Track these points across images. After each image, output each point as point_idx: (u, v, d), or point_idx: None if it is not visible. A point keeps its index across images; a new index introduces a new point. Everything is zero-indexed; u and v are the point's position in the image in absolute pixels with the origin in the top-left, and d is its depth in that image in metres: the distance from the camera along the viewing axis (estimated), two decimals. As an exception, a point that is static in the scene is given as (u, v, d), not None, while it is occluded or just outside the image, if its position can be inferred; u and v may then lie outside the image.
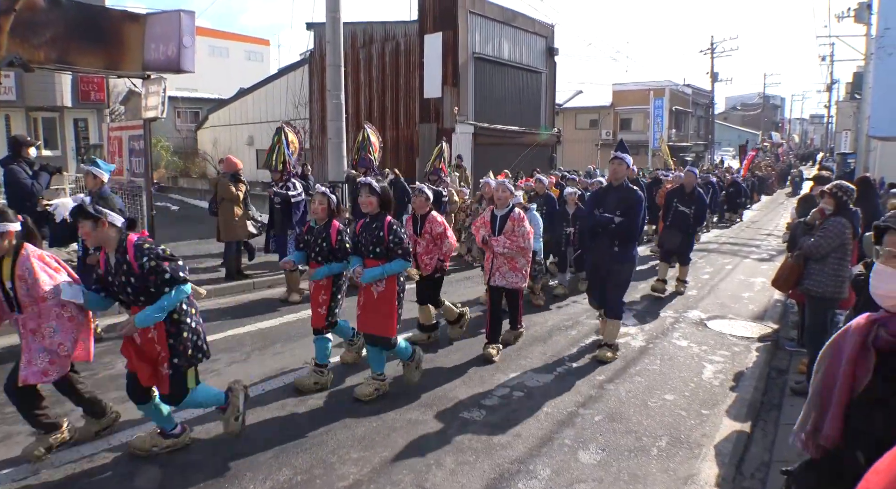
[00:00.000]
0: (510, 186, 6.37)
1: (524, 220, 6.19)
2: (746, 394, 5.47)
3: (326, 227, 5.22)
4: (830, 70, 43.56)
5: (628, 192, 6.00)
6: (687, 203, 9.40)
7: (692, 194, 9.48)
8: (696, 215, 9.47)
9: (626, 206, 5.91)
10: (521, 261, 6.23)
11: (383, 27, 22.40)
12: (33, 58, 7.95)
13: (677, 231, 9.44)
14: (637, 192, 6.05)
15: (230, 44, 46.70)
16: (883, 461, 1.03)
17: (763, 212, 25.73)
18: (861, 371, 1.63)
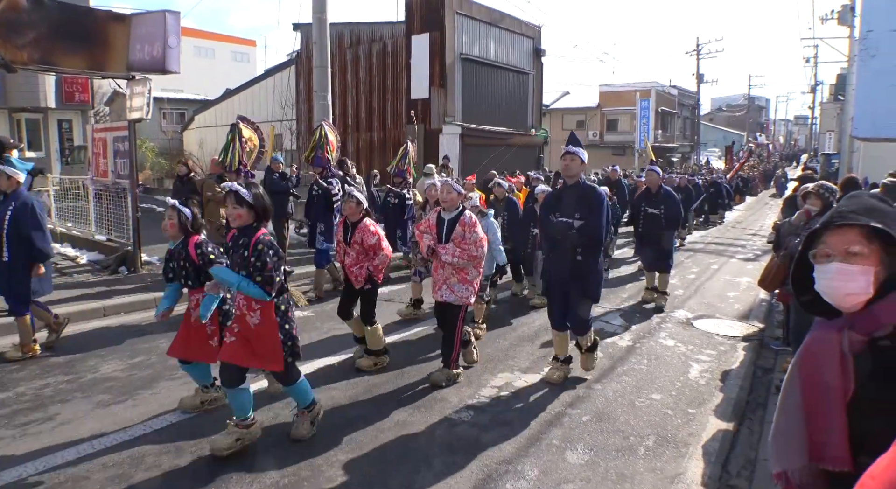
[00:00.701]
0: (458, 186, 5.57)
1: (476, 225, 5.39)
2: (732, 393, 5.51)
3: (184, 246, 4.59)
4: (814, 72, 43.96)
5: (587, 191, 5.27)
6: (655, 204, 8.59)
7: (659, 194, 8.66)
8: (667, 216, 8.54)
9: (585, 207, 5.15)
10: (473, 273, 5.46)
11: (370, 28, 22.38)
12: (16, 58, 7.87)
13: (651, 236, 8.66)
14: (597, 190, 5.33)
15: (216, 44, 46.46)
16: (878, 465, 1.03)
17: (748, 212, 25.94)
18: (848, 382, 1.59)
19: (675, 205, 8.63)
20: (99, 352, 6.17)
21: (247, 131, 8.43)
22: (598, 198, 5.21)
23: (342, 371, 5.78)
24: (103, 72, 9.45)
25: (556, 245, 5.34)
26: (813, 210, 5.31)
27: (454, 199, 5.45)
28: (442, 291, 5.42)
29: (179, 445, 4.24)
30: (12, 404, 4.87)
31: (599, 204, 5.17)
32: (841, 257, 1.62)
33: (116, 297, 7.90)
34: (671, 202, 8.59)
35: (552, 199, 5.53)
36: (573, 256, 5.21)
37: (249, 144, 8.43)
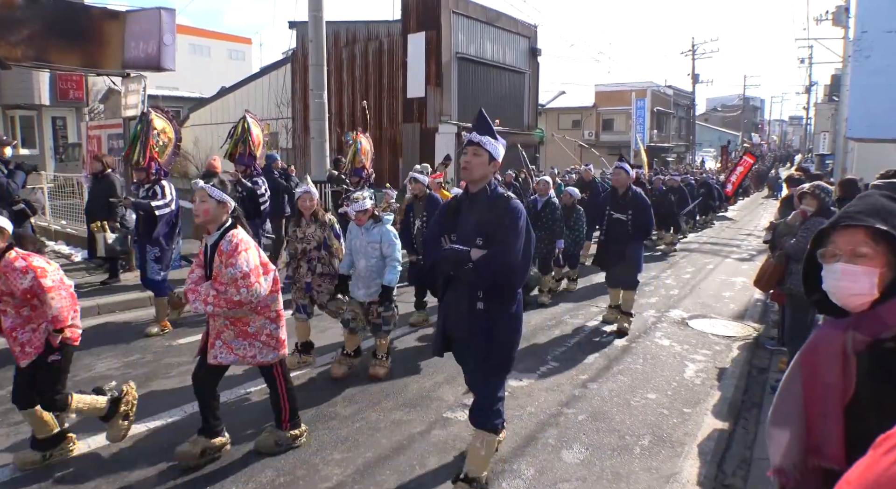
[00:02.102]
0: (217, 192, 3.79)
1: (237, 252, 3.68)
2: (728, 392, 5.52)
3: None
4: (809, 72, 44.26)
5: (495, 204, 3.46)
6: (621, 208, 7.23)
7: (626, 197, 7.24)
8: (635, 223, 7.14)
9: (491, 227, 3.40)
10: (258, 323, 3.93)
11: (366, 26, 22.34)
12: (10, 55, 7.85)
13: (615, 245, 7.29)
14: (511, 204, 3.45)
15: (212, 42, 46.29)
16: (854, 469, 1.03)
17: (743, 212, 26.00)
18: (849, 382, 1.60)
19: (645, 210, 7.22)
20: (93, 350, 6.14)
21: (160, 122, 7.33)
22: (511, 214, 3.39)
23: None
24: (98, 69, 9.43)
25: (449, 283, 3.63)
26: (809, 210, 5.33)
27: (208, 211, 3.78)
28: (216, 350, 3.90)
29: (175, 443, 4.22)
30: (6, 402, 4.84)
31: (513, 223, 3.37)
32: (847, 257, 1.63)
33: (111, 296, 7.87)
34: (641, 207, 7.21)
35: (445, 215, 3.71)
36: (470, 303, 3.45)
37: (162, 137, 7.28)
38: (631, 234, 7.18)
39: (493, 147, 3.48)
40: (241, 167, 8.05)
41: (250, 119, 8.22)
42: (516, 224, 3.39)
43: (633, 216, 7.14)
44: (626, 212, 7.18)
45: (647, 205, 7.31)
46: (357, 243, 5.47)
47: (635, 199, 7.21)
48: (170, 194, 6.88)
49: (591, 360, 6.26)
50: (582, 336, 7.12)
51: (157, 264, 6.80)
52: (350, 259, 5.56)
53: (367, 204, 5.42)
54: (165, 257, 6.89)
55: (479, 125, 3.54)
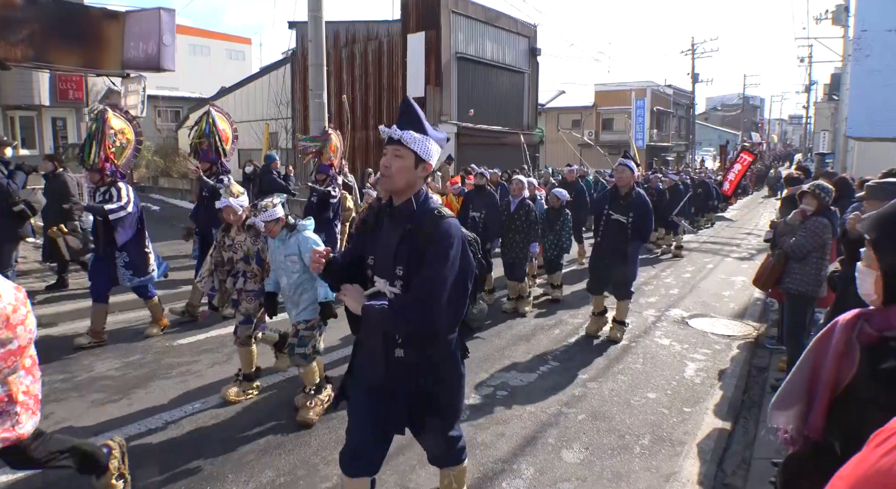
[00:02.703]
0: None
1: None
2: (728, 391, 5.53)
3: None
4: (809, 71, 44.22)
5: (425, 222, 2.61)
6: (622, 209, 6.63)
7: (629, 197, 6.63)
8: (636, 227, 6.59)
9: (414, 255, 2.59)
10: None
11: (366, 26, 22.36)
12: (10, 56, 7.86)
13: (612, 250, 6.68)
14: (444, 225, 2.59)
15: (211, 42, 46.31)
16: (847, 467, 1.05)
17: (743, 211, 26.00)
18: (845, 364, 1.68)
19: (647, 214, 6.65)
20: (93, 350, 6.15)
21: (118, 122, 6.84)
22: (442, 240, 2.55)
23: (338, 369, 5.77)
24: (98, 69, 9.45)
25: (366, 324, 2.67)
26: (808, 209, 5.33)
27: None
28: None
29: (175, 444, 4.24)
30: (6, 403, 4.85)
31: (442, 253, 2.54)
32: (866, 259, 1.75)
33: (111, 296, 7.85)
34: (643, 210, 6.62)
35: (359, 233, 2.93)
36: (388, 349, 2.68)
37: (120, 138, 6.80)
38: (630, 238, 6.59)
39: (420, 145, 2.62)
40: (204, 163, 7.52)
41: (215, 113, 7.75)
42: (447, 253, 2.54)
43: (634, 219, 6.54)
44: (627, 214, 6.56)
45: (650, 208, 6.72)
46: (276, 257, 4.76)
47: (639, 201, 6.60)
48: (126, 197, 6.45)
49: (591, 360, 6.26)
50: (582, 335, 7.12)
51: (128, 270, 6.43)
52: (275, 275, 4.86)
53: (277, 212, 4.68)
54: (137, 262, 6.50)
55: (404, 116, 2.68)
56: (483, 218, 8.02)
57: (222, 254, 5.10)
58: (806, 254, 5.24)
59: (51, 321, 7.01)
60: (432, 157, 2.70)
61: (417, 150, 2.62)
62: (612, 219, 6.67)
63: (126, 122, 6.98)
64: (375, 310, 2.52)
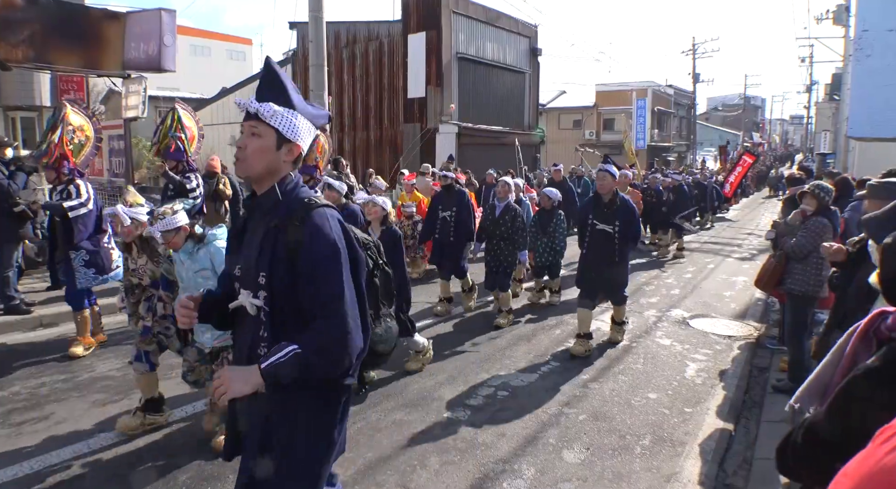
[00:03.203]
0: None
1: None
2: (729, 392, 5.52)
3: None
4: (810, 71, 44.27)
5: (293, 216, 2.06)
6: (607, 218, 6.26)
7: (612, 205, 6.27)
8: (623, 234, 6.25)
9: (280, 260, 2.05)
10: None
11: (367, 27, 22.35)
12: (11, 57, 7.86)
13: (599, 260, 6.34)
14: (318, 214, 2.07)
15: (212, 43, 46.37)
16: (851, 464, 1.04)
17: (744, 212, 25.98)
18: (861, 357, 1.72)
19: (634, 221, 6.38)
20: (94, 351, 6.15)
21: (77, 119, 6.47)
22: (316, 241, 2.03)
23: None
24: (99, 70, 9.45)
25: None
26: (808, 210, 5.32)
27: None
28: None
29: (176, 444, 4.24)
30: (8, 403, 4.86)
31: (320, 256, 2.02)
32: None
33: (111, 297, 7.85)
34: (629, 217, 6.31)
35: (231, 240, 2.36)
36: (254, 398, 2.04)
37: (79, 135, 6.44)
38: (618, 249, 6.26)
39: (283, 121, 2.08)
40: (171, 162, 7.32)
41: (181, 110, 7.47)
42: (327, 255, 1.99)
43: (620, 228, 6.20)
44: (612, 223, 6.20)
45: (636, 214, 6.49)
46: (184, 274, 4.08)
47: (625, 208, 6.27)
48: (86, 193, 6.15)
49: (592, 360, 6.25)
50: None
51: (89, 268, 6.08)
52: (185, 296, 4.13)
53: (177, 220, 3.98)
54: (98, 260, 6.15)
55: (264, 84, 2.17)
56: (454, 217, 7.77)
57: (129, 280, 4.52)
58: (806, 254, 5.23)
59: (51, 321, 7.02)
60: (301, 136, 2.14)
61: (279, 126, 2.08)
62: (597, 229, 6.29)
63: (86, 118, 6.69)
64: (282, 371, 1.91)
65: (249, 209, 2.23)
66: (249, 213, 2.24)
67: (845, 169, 16.60)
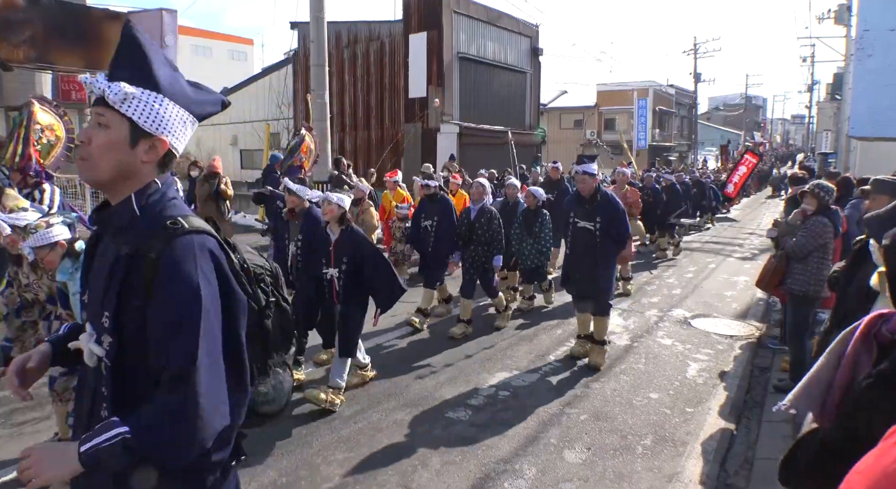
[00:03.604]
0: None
1: None
2: (730, 392, 5.51)
3: None
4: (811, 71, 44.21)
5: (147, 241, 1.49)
6: (588, 215, 5.95)
7: (593, 201, 5.93)
8: (605, 231, 5.88)
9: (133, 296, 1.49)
10: None
11: (368, 27, 22.34)
12: (12, 57, 7.88)
13: (581, 260, 6.03)
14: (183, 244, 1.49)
15: (213, 43, 46.42)
16: (864, 462, 1.04)
17: (745, 211, 25.96)
18: (862, 361, 1.70)
19: (617, 217, 5.94)
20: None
21: (45, 117, 5.94)
22: (171, 282, 1.47)
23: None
24: (100, 70, 9.38)
25: None
26: (809, 209, 5.31)
27: None
28: None
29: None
30: (9, 403, 4.86)
31: (175, 306, 1.47)
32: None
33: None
34: (612, 213, 5.93)
35: (86, 264, 1.76)
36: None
37: (48, 135, 5.89)
38: (600, 247, 5.89)
39: (140, 106, 1.56)
40: (16, 175, 5.91)
41: (38, 107, 6.09)
42: (192, 311, 1.46)
43: (602, 224, 5.87)
44: (593, 219, 5.90)
45: (619, 210, 6.00)
46: (72, 296, 3.51)
47: (606, 204, 5.94)
48: (49, 201, 5.63)
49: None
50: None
51: None
52: None
53: (53, 234, 3.50)
54: None
55: (118, 59, 1.68)
56: (435, 227, 7.28)
57: (19, 296, 3.91)
58: (807, 254, 5.22)
59: None
60: (169, 128, 1.61)
61: (134, 114, 1.54)
62: (578, 227, 6.02)
63: (56, 117, 6.13)
64: (105, 459, 1.41)
65: (100, 223, 1.65)
66: (100, 228, 1.67)
67: (847, 169, 16.58)
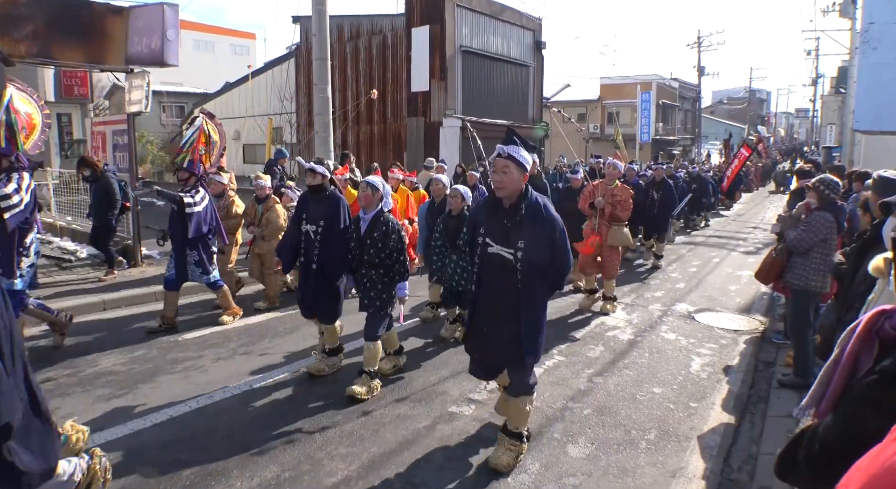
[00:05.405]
0: None
1: None
2: (734, 386, 5.50)
3: None
4: (816, 64, 43.96)
5: None
6: (505, 234, 3.71)
7: (516, 211, 3.67)
8: (530, 262, 3.63)
9: None
10: None
11: (370, 20, 22.30)
12: (14, 52, 7.84)
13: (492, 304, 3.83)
14: None
15: (216, 37, 46.33)
16: (865, 458, 1.04)
17: (749, 205, 25.90)
18: (863, 358, 1.68)
19: (555, 242, 3.68)
20: (99, 346, 6.16)
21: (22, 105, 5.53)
22: None
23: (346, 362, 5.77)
24: (102, 65, 9.42)
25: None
26: (813, 203, 5.28)
27: None
28: None
29: (179, 439, 4.24)
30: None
31: None
32: None
33: (116, 291, 7.88)
34: (547, 233, 3.67)
35: None
36: None
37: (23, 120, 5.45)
38: (524, 286, 3.66)
39: None
40: None
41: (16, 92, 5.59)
42: None
43: (526, 253, 3.62)
44: (513, 244, 3.64)
45: (558, 229, 3.69)
46: None
47: (536, 217, 3.67)
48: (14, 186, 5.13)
49: (597, 354, 6.24)
50: (587, 330, 7.10)
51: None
52: None
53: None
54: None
55: None
56: (320, 233, 5.31)
57: None
58: (807, 248, 5.19)
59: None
60: None
61: None
62: (489, 252, 3.74)
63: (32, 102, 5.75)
64: None
65: None
66: None
67: (851, 163, 16.49)
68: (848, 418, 1.56)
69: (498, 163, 3.65)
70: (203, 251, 6.71)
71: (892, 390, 1.48)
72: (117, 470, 3.83)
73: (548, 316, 4.01)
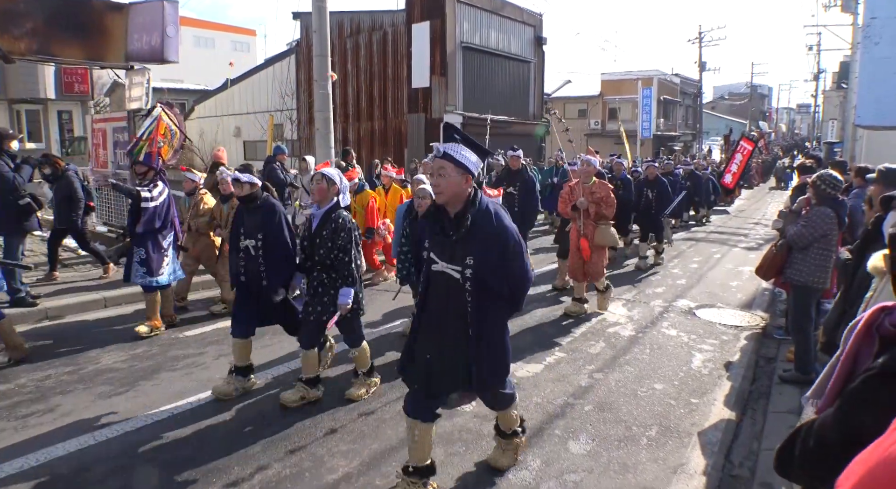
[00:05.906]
0: None
1: None
2: (735, 382, 5.50)
3: None
4: (817, 59, 43.74)
5: None
6: (452, 250, 3.17)
7: (462, 222, 3.10)
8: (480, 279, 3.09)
9: None
10: None
11: (370, 16, 22.28)
12: (14, 49, 7.84)
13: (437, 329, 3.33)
14: None
15: (216, 34, 46.34)
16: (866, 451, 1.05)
17: (750, 202, 25.86)
18: (863, 353, 1.70)
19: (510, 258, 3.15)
20: (100, 343, 6.17)
21: None
22: None
23: (343, 360, 5.77)
24: (102, 62, 9.43)
25: None
26: (813, 201, 5.27)
27: None
28: None
29: (180, 436, 4.24)
30: (13, 396, 4.88)
31: None
32: None
33: (117, 288, 7.88)
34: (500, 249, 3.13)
35: None
36: None
37: None
38: (474, 309, 3.16)
39: None
40: None
41: None
42: None
43: (475, 270, 3.11)
44: (460, 260, 3.14)
45: (512, 241, 3.15)
46: None
47: (486, 229, 3.11)
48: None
49: (598, 351, 6.24)
50: (588, 326, 7.10)
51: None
52: None
53: None
54: None
55: None
56: (261, 248, 4.85)
57: None
58: (807, 244, 5.18)
59: (57, 314, 7.04)
60: None
61: None
62: (434, 272, 3.27)
63: None
64: None
65: None
66: None
67: (853, 158, 16.46)
68: (845, 415, 1.56)
69: (435, 163, 3.11)
70: (153, 249, 6.35)
71: (890, 386, 1.47)
72: (119, 467, 3.84)
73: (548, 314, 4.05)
